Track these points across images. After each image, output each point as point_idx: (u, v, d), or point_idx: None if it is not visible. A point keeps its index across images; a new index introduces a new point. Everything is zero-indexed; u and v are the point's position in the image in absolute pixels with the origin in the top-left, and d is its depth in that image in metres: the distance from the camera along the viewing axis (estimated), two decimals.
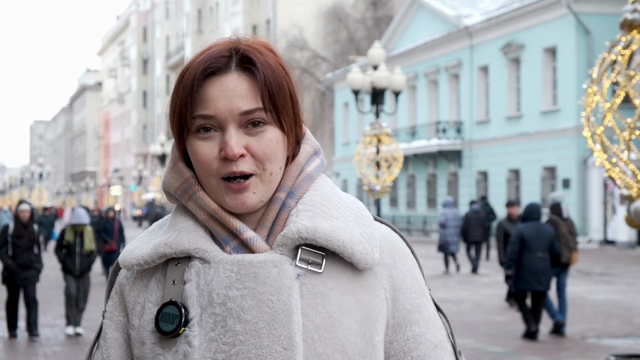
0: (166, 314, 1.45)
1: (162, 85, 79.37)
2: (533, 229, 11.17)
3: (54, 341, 11.37)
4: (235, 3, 62.69)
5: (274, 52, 1.51)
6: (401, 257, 1.54)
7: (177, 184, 1.52)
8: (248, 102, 1.44)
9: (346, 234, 1.46)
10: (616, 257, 25.98)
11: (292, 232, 1.45)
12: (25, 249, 11.35)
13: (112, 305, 1.56)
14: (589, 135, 8.24)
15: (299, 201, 1.49)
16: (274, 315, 1.42)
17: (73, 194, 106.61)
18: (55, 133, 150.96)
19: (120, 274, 1.57)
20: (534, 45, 34.53)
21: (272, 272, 1.44)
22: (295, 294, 1.43)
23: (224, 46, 1.48)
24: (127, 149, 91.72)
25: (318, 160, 1.55)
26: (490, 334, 11.62)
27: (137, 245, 1.54)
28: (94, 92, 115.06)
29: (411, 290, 1.52)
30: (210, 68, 1.46)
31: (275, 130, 1.46)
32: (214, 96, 1.45)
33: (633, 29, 8.02)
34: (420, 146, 41.30)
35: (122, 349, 1.54)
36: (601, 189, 31.08)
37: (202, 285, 1.45)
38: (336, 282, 1.46)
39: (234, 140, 1.43)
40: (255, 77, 1.45)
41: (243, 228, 1.47)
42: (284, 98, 1.47)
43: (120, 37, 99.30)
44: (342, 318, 1.44)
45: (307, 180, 1.52)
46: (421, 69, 43.31)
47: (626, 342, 10.88)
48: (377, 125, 20.73)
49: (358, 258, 1.46)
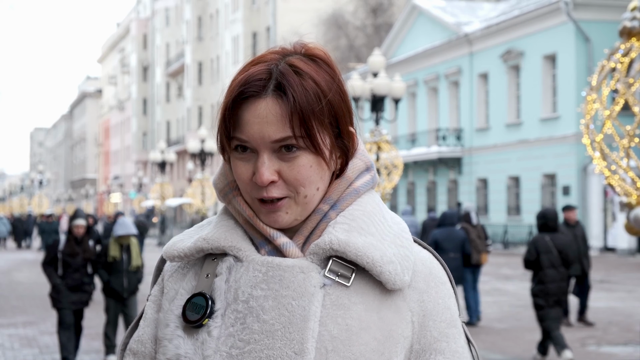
0: (194, 303, 1.49)
1: (162, 92, 79.39)
2: (446, 234, 12.94)
3: (53, 348, 11.32)
4: (235, 10, 62.75)
5: (326, 63, 1.50)
6: (436, 284, 1.52)
7: (221, 185, 1.57)
8: (278, 130, 1.44)
9: (378, 251, 1.46)
10: (616, 264, 25.97)
11: (324, 242, 1.46)
12: (77, 268, 9.92)
13: (158, 290, 1.61)
14: (588, 142, 8.24)
15: (339, 214, 1.51)
16: (291, 319, 1.43)
17: (73, 201, 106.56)
18: (55, 140, 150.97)
19: (167, 263, 1.63)
20: (533, 52, 34.57)
21: (297, 277, 1.45)
22: (316, 301, 1.44)
23: (266, 65, 1.47)
24: (127, 156, 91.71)
25: (369, 176, 1.56)
26: (489, 341, 11.61)
27: (181, 238, 1.59)
28: (94, 99, 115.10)
29: (442, 319, 1.51)
30: (244, 94, 1.46)
31: (308, 155, 1.46)
32: (247, 121, 1.46)
33: (632, 37, 8.04)
34: (420, 153, 41.30)
35: (157, 330, 1.59)
36: (601, 196, 31.08)
37: (232, 281, 1.49)
38: (362, 297, 1.46)
39: (265, 166, 1.45)
40: (287, 103, 1.44)
41: (276, 234, 1.49)
42: (319, 121, 1.46)
43: (120, 44, 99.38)
44: (361, 333, 1.44)
45: (353, 194, 1.52)
46: (421, 76, 43.34)
47: (626, 349, 10.87)
48: (377, 132, 20.73)
49: (386, 277, 1.45)
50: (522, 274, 22.54)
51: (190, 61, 69.67)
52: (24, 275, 23.39)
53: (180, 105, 75.24)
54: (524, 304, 15.54)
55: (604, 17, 31.37)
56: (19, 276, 23.13)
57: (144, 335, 1.59)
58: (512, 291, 17.92)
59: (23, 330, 12.85)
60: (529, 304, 15.52)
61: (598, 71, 8.28)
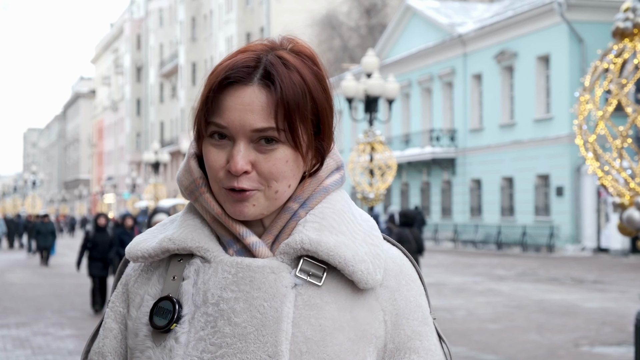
0: (161, 308, 1.44)
1: (155, 93, 79.32)
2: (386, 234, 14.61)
3: (46, 349, 11.31)
4: (229, 11, 62.73)
5: (312, 61, 1.46)
6: (407, 282, 1.50)
7: (187, 182, 1.51)
8: (261, 119, 1.40)
9: (350, 250, 1.44)
10: (609, 264, 26.01)
11: (295, 242, 1.43)
12: None
13: (115, 296, 1.56)
14: (581, 143, 8.25)
15: (309, 212, 1.48)
16: (264, 322, 1.40)
17: (66, 202, 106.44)
18: (48, 141, 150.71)
19: (129, 265, 1.58)
20: (527, 53, 34.62)
21: (268, 278, 1.42)
22: (288, 302, 1.41)
23: (254, 53, 1.44)
24: (121, 157, 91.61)
25: (338, 175, 1.53)
26: (483, 342, 11.61)
27: (144, 237, 1.54)
28: (87, 100, 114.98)
29: (414, 317, 1.49)
30: (229, 79, 1.42)
31: (287, 149, 1.43)
32: (229, 107, 1.42)
33: (625, 38, 8.04)
34: (414, 154, 41.33)
35: (116, 341, 1.54)
36: (594, 196, 31.13)
37: (200, 283, 1.44)
38: (334, 296, 1.44)
39: (240, 155, 1.41)
40: (274, 94, 1.41)
41: (246, 233, 1.45)
42: (303, 117, 1.43)
43: (114, 45, 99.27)
44: (334, 333, 1.41)
45: (322, 192, 1.49)
46: (415, 77, 43.37)
47: (619, 350, 10.88)
48: (371, 133, 20.73)
49: (358, 277, 1.43)
50: (516, 274, 22.57)
51: (184, 62, 69.63)
52: (16, 276, 23.34)
53: (174, 106, 75.18)
54: (517, 305, 15.56)
55: (597, 18, 31.43)
56: (11, 277, 23.08)
57: (104, 347, 1.54)
58: (505, 292, 17.94)
59: (16, 331, 12.81)
60: (523, 305, 15.54)
61: (591, 72, 8.29)
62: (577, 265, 25.71)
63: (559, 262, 27.33)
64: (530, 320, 13.58)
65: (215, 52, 65.65)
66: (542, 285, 19.29)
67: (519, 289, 18.61)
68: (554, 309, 14.98)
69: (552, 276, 21.88)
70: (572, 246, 31.87)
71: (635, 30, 7.96)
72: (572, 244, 31.99)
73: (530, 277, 21.74)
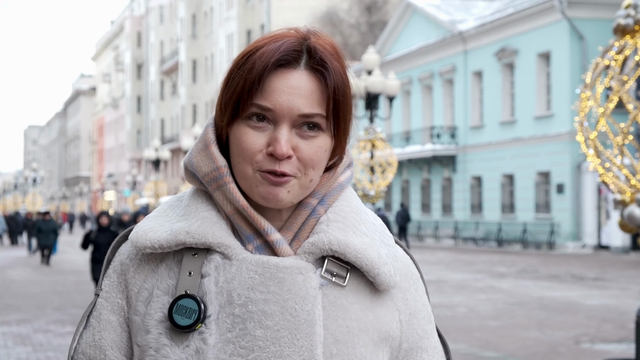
0: (183, 306, 1.37)
1: (156, 90, 79.31)
2: None
3: (47, 346, 11.32)
4: (229, 8, 62.70)
5: (339, 55, 1.45)
6: (414, 282, 1.51)
7: (207, 169, 1.44)
8: (310, 105, 1.38)
9: (375, 253, 1.43)
10: (610, 262, 26.01)
11: (322, 242, 1.41)
12: None
13: (110, 285, 1.48)
14: (582, 140, 8.24)
15: (328, 209, 1.45)
16: (297, 325, 1.37)
17: (67, 199, 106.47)
18: (49, 138, 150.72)
19: (122, 252, 1.49)
20: (528, 50, 34.60)
21: (297, 279, 1.39)
22: (319, 304, 1.38)
23: (296, 40, 1.41)
24: (121, 154, 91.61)
25: (349, 172, 1.52)
26: (483, 338, 11.62)
27: (151, 226, 1.46)
28: (88, 97, 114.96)
29: (422, 316, 1.51)
30: (282, 60, 1.39)
31: (326, 138, 1.41)
32: (277, 89, 1.38)
33: (626, 34, 8.04)
34: (415, 151, 41.32)
35: (116, 333, 1.46)
36: (595, 193, 31.13)
37: (222, 282, 1.39)
38: (357, 297, 1.43)
39: (285, 139, 1.37)
40: (324, 81, 1.40)
41: (270, 229, 1.41)
42: (346, 109, 1.42)
43: (114, 42, 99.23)
44: (360, 335, 1.41)
45: (338, 189, 1.48)
46: (415, 74, 43.35)
47: (620, 347, 10.88)
48: (371, 130, 20.73)
49: (382, 279, 1.43)
50: (517, 271, 22.57)
51: (185, 59, 69.59)
52: (17, 274, 23.35)
53: (175, 103, 75.17)
54: (518, 302, 15.56)
55: (598, 15, 31.41)
56: (12, 274, 23.08)
57: (103, 340, 1.46)
58: (506, 289, 17.94)
59: (17, 328, 12.81)
60: (523, 302, 15.54)
61: (592, 69, 8.28)
62: (578, 263, 25.71)
63: (559, 259, 27.33)
64: (530, 317, 13.59)
65: (216, 49, 65.63)
66: (543, 283, 19.30)
67: (520, 286, 18.61)
68: (555, 306, 14.98)
69: (553, 273, 21.88)
70: (572, 243, 31.88)
71: (636, 27, 7.96)
72: (572, 241, 31.99)
73: (531, 274, 21.74)
